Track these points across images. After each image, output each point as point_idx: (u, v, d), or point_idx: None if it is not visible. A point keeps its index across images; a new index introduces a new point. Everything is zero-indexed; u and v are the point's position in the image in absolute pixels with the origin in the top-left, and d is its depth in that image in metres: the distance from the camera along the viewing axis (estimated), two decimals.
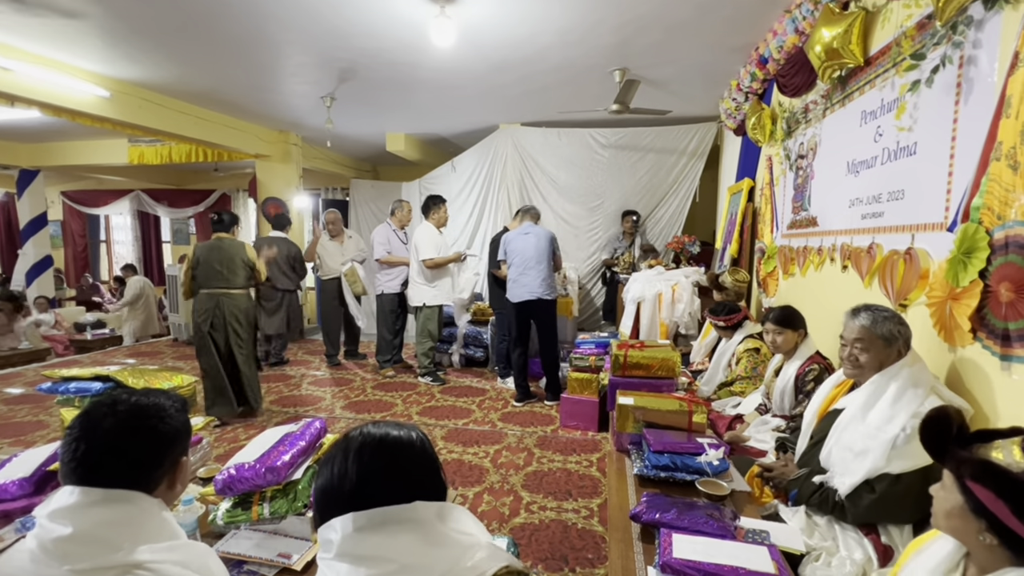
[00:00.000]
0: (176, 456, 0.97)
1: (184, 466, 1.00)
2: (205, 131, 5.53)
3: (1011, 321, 1.38)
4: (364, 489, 0.76)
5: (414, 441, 0.83)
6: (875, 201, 2.19)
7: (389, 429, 0.84)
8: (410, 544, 0.74)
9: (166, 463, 0.95)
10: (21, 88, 3.94)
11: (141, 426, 0.93)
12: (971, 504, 0.85)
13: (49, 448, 1.70)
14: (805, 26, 2.75)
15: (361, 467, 0.78)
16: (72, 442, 0.89)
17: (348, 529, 0.74)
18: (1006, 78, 1.44)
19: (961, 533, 0.89)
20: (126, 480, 0.89)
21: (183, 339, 6.39)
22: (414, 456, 0.82)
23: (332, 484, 0.78)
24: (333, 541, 0.74)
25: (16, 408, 3.98)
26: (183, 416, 1.02)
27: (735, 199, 4.47)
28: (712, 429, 2.45)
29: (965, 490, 0.86)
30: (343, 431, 1.16)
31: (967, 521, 0.86)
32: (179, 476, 0.99)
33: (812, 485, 1.59)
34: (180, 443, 0.99)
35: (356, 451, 0.80)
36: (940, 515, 0.92)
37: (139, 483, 0.90)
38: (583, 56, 3.86)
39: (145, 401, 0.97)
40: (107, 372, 1.70)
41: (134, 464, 0.91)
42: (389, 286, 4.82)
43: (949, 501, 0.89)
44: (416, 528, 0.75)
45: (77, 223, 10.33)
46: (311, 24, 3.35)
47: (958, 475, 0.87)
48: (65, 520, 0.83)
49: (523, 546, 2.22)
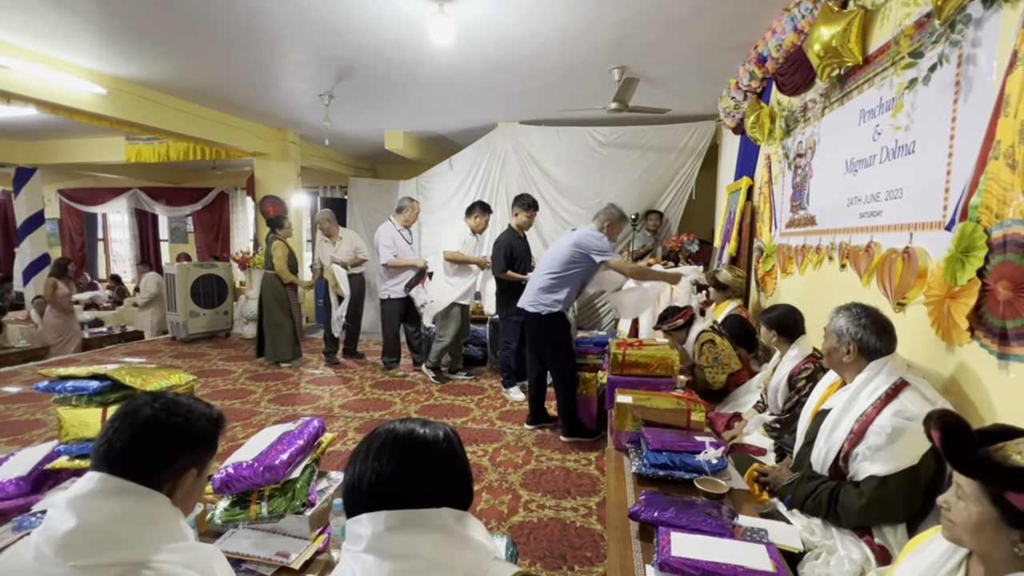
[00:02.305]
0: (185, 463, 0.95)
1: (188, 480, 0.96)
2: (203, 129, 5.51)
3: (1009, 320, 1.38)
4: (384, 487, 0.77)
5: (440, 440, 0.82)
6: (873, 200, 2.19)
7: (415, 426, 0.83)
8: (438, 544, 0.74)
9: (175, 464, 0.93)
10: (17, 85, 3.92)
11: (169, 419, 0.95)
12: (1008, 516, 0.79)
13: (46, 447, 1.70)
14: (804, 24, 2.75)
15: (382, 465, 0.78)
16: (109, 428, 0.92)
17: (380, 527, 0.74)
18: (1004, 77, 1.44)
19: (992, 545, 0.83)
20: (143, 473, 0.89)
21: (181, 337, 6.38)
22: (439, 456, 0.81)
23: (354, 480, 0.79)
24: (363, 536, 0.75)
25: (13, 407, 3.97)
26: (209, 427, 1.01)
27: (734, 198, 4.47)
28: (710, 427, 2.46)
29: (1000, 501, 0.80)
30: (368, 428, 1.16)
31: (1000, 532, 0.81)
32: (181, 486, 0.94)
33: (805, 490, 1.60)
34: (193, 449, 0.96)
35: (379, 448, 0.80)
36: (965, 529, 0.85)
37: (149, 478, 0.89)
38: (582, 54, 3.86)
39: (184, 400, 0.99)
40: (104, 371, 1.69)
41: (149, 456, 0.91)
42: (395, 291, 4.73)
43: (978, 514, 0.83)
44: (442, 531, 0.76)
45: (74, 221, 10.30)
46: (309, 21, 3.34)
47: (994, 486, 0.81)
48: (75, 511, 0.82)
49: (522, 545, 2.22)
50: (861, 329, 1.59)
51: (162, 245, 10.74)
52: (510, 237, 4.26)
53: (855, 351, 1.60)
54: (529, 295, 3.34)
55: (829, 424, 1.60)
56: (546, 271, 3.28)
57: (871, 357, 1.59)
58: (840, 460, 1.55)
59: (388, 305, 4.81)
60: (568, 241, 3.28)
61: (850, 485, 1.51)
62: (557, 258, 3.27)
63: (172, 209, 9.94)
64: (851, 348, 1.61)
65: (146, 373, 1.80)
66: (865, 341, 1.59)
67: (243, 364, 5.34)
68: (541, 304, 3.25)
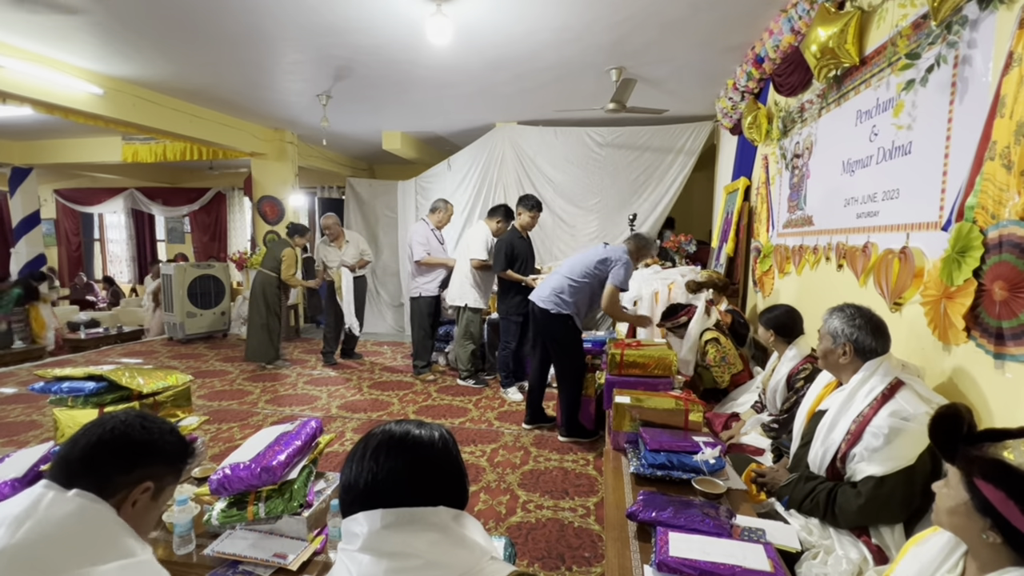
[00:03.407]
0: (143, 474, 0.92)
1: (143, 497, 0.92)
2: (200, 129, 5.49)
3: (1005, 320, 1.39)
4: (380, 487, 0.77)
5: (435, 441, 0.82)
6: (870, 200, 2.20)
7: (411, 427, 0.83)
8: (434, 542, 0.74)
9: (133, 472, 0.91)
10: (13, 85, 3.91)
11: (141, 423, 0.95)
12: (976, 502, 0.84)
13: (42, 448, 1.69)
14: (801, 25, 2.76)
15: (378, 465, 0.78)
16: (79, 431, 0.91)
17: (376, 525, 0.74)
18: (1000, 77, 1.45)
19: (963, 530, 0.89)
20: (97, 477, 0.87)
21: (178, 338, 6.36)
22: (434, 457, 0.81)
23: (351, 480, 0.79)
24: (359, 535, 0.75)
25: (8, 408, 3.95)
26: (177, 445, 0.99)
27: (731, 198, 4.48)
28: (708, 427, 2.46)
29: (972, 488, 0.85)
30: (365, 429, 1.16)
31: (971, 519, 0.85)
32: (132, 499, 0.91)
33: (802, 491, 1.60)
34: (155, 461, 0.95)
35: (375, 448, 0.80)
36: (943, 512, 0.92)
37: (100, 484, 0.87)
38: (579, 54, 3.86)
39: (161, 420, 1.00)
40: (100, 371, 1.68)
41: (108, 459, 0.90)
42: (427, 288, 4.70)
43: (953, 498, 0.88)
44: (439, 529, 0.76)
45: (70, 221, 10.26)
46: (307, 21, 3.33)
47: (967, 473, 0.86)
48: (7, 529, 0.78)
49: (520, 545, 2.22)
50: (856, 330, 1.60)
51: (159, 246, 10.71)
52: (512, 237, 4.24)
53: (851, 352, 1.61)
54: (544, 291, 3.34)
55: (826, 425, 1.60)
56: (567, 274, 3.32)
57: (867, 357, 1.59)
58: (837, 461, 1.55)
59: (418, 303, 4.74)
60: (596, 256, 3.32)
61: (847, 486, 1.51)
62: (581, 267, 3.32)
63: (169, 209, 9.91)
64: (847, 349, 1.61)
65: (142, 374, 1.79)
66: (861, 341, 1.59)
67: (240, 365, 5.33)
68: (552, 302, 3.28)
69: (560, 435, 3.39)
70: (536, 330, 3.50)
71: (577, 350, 3.35)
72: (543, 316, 3.31)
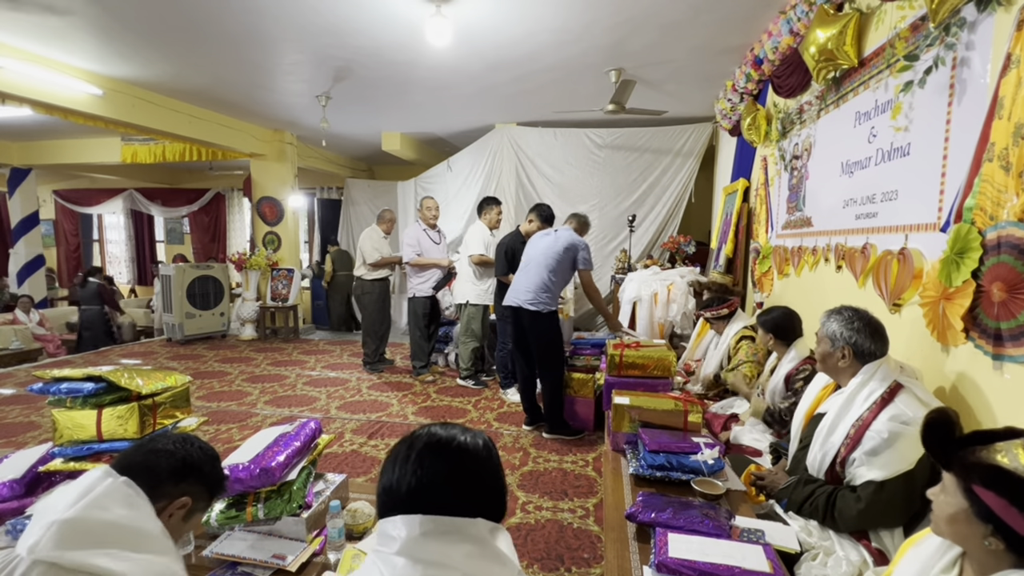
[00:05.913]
0: (188, 489, 1.03)
1: (180, 510, 1.01)
2: (199, 130, 5.49)
3: (1003, 321, 1.39)
4: (423, 493, 0.76)
5: (480, 449, 0.81)
6: (869, 201, 2.20)
7: (456, 432, 0.82)
8: (471, 555, 0.74)
9: (182, 484, 1.02)
10: (12, 86, 3.91)
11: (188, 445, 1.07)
12: (977, 509, 0.83)
13: (40, 449, 1.69)
14: (800, 27, 2.76)
15: (422, 469, 0.77)
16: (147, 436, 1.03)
17: (415, 532, 0.73)
18: (998, 79, 1.45)
19: (964, 538, 0.87)
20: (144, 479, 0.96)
21: (177, 339, 6.35)
22: (478, 466, 0.80)
23: (393, 483, 0.78)
24: (396, 538, 0.74)
25: (7, 409, 3.94)
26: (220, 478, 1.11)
27: (730, 199, 4.49)
28: (708, 428, 2.46)
29: (971, 495, 0.83)
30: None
31: (972, 526, 0.84)
32: (169, 511, 0.99)
33: (801, 494, 1.60)
34: (201, 481, 1.06)
35: (420, 452, 0.79)
36: (942, 520, 0.89)
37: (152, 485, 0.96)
38: (579, 56, 3.86)
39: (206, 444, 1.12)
40: (99, 372, 1.68)
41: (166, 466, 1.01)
42: (421, 289, 4.69)
43: (952, 506, 0.87)
44: (476, 542, 0.75)
45: (69, 222, 10.25)
46: (306, 22, 3.34)
47: (964, 480, 0.85)
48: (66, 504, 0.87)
49: (519, 546, 2.22)
50: (855, 333, 1.60)
51: (158, 246, 10.70)
52: (513, 240, 4.24)
53: (850, 355, 1.61)
54: (528, 294, 3.32)
55: (825, 429, 1.60)
56: (546, 269, 3.32)
57: (865, 360, 1.59)
58: (836, 465, 1.55)
59: (413, 304, 4.75)
60: (559, 244, 3.34)
61: (847, 490, 1.51)
62: (550, 259, 3.32)
63: (168, 210, 9.90)
64: (846, 352, 1.61)
65: (142, 375, 1.78)
66: (859, 344, 1.59)
67: (239, 366, 5.32)
68: (541, 303, 3.30)
69: (544, 432, 3.44)
70: (521, 333, 3.48)
71: (560, 343, 3.42)
72: (532, 318, 3.32)
